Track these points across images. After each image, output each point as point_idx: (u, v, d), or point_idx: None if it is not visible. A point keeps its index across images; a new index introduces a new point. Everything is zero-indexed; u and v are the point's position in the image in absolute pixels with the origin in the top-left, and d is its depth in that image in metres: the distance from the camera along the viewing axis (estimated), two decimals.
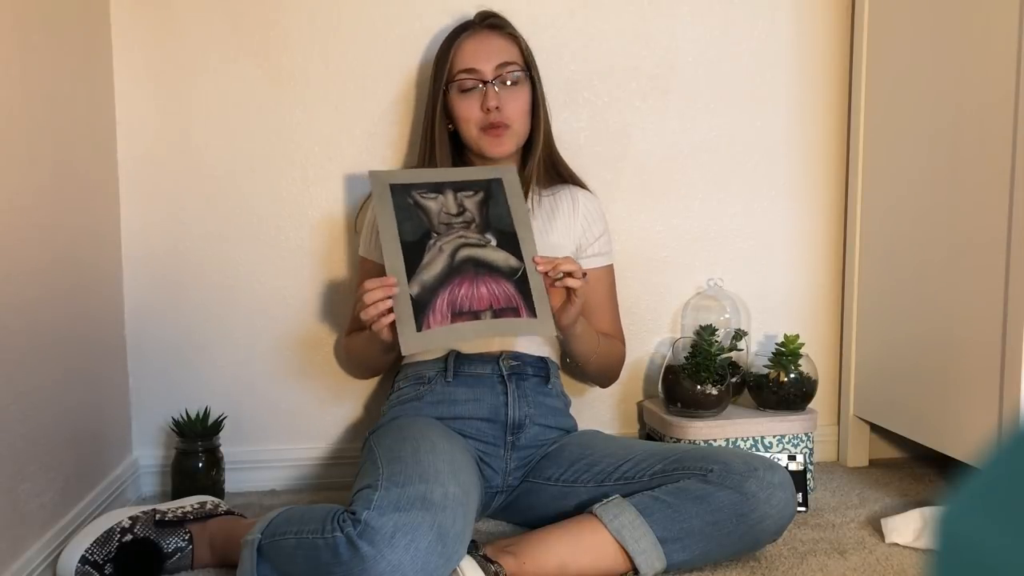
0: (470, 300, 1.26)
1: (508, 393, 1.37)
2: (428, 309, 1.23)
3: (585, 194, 1.53)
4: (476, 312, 1.25)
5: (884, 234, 1.62)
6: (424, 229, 1.28)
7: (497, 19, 1.46)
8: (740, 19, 1.69)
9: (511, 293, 1.27)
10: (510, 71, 1.41)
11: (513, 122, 1.41)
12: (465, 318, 1.25)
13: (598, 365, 1.46)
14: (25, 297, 1.15)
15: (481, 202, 1.32)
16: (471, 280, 1.27)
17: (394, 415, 1.38)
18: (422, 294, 1.24)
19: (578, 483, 1.31)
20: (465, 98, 1.41)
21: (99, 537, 1.19)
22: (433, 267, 1.26)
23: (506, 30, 1.45)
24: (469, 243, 1.29)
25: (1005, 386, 1.28)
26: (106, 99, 1.51)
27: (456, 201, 1.31)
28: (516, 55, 1.44)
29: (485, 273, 1.27)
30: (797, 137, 1.73)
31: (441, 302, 1.24)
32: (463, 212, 1.30)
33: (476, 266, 1.28)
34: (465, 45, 1.42)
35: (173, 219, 1.58)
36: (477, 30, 1.44)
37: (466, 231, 1.29)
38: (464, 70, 1.41)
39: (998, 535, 0.28)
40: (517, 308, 1.27)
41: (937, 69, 1.45)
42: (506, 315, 1.26)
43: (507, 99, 1.40)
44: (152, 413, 1.59)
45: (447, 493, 1.07)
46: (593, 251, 1.50)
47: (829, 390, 1.77)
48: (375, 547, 0.99)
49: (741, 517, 1.17)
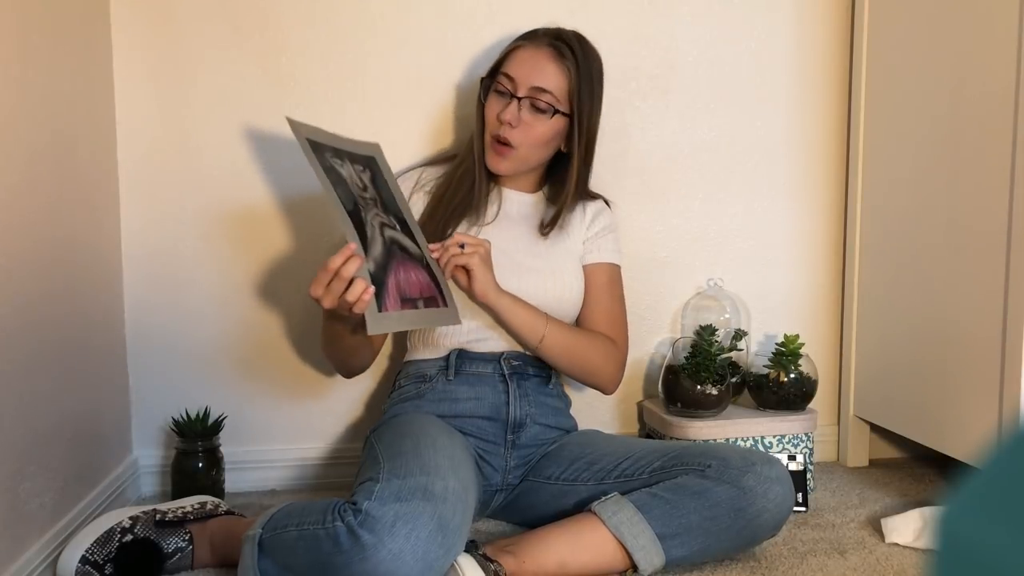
0: (408, 286, 1.19)
1: (509, 392, 1.37)
2: (383, 289, 1.15)
3: (591, 202, 1.51)
4: (414, 300, 1.20)
5: (884, 234, 1.62)
6: (353, 199, 1.15)
7: (563, 46, 1.37)
8: (740, 19, 1.69)
9: (427, 281, 1.23)
10: (542, 98, 1.35)
11: (519, 146, 1.37)
12: (407, 305, 1.18)
13: (559, 356, 1.37)
14: (25, 297, 1.15)
15: (371, 180, 1.21)
16: (402, 264, 1.20)
17: (395, 412, 1.38)
18: (377, 272, 1.15)
19: (578, 481, 1.32)
20: (495, 100, 1.39)
21: (99, 537, 1.19)
22: (375, 245, 1.16)
23: (565, 61, 1.36)
24: (386, 223, 1.20)
25: (1005, 386, 1.28)
26: (106, 99, 1.51)
27: (355, 175, 1.18)
28: (560, 87, 1.36)
29: (408, 258, 1.21)
30: (797, 137, 1.73)
31: (392, 284, 1.17)
32: (365, 188, 1.19)
33: (400, 250, 1.20)
34: (520, 52, 1.38)
35: (173, 219, 1.58)
36: (539, 45, 1.38)
37: (377, 209, 1.19)
38: (505, 74, 1.37)
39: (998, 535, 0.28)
40: (436, 298, 1.23)
41: (937, 69, 1.45)
42: (433, 304, 1.22)
43: (526, 122, 1.36)
44: (152, 413, 1.59)
45: (447, 486, 1.07)
46: (593, 246, 1.48)
47: (829, 390, 1.77)
48: (376, 535, 0.99)
49: (739, 511, 1.17)
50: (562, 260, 1.43)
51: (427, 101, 1.62)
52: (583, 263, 1.47)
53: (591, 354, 1.41)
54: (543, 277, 1.40)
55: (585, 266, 1.47)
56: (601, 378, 1.44)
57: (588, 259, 1.48)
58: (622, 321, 1.49)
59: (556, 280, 1.41)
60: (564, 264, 1.43)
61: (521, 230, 1.44)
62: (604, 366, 1.43)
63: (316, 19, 1.58)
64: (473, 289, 1.26)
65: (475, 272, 1.25)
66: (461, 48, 1.62)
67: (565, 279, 1.42)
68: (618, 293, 1.50)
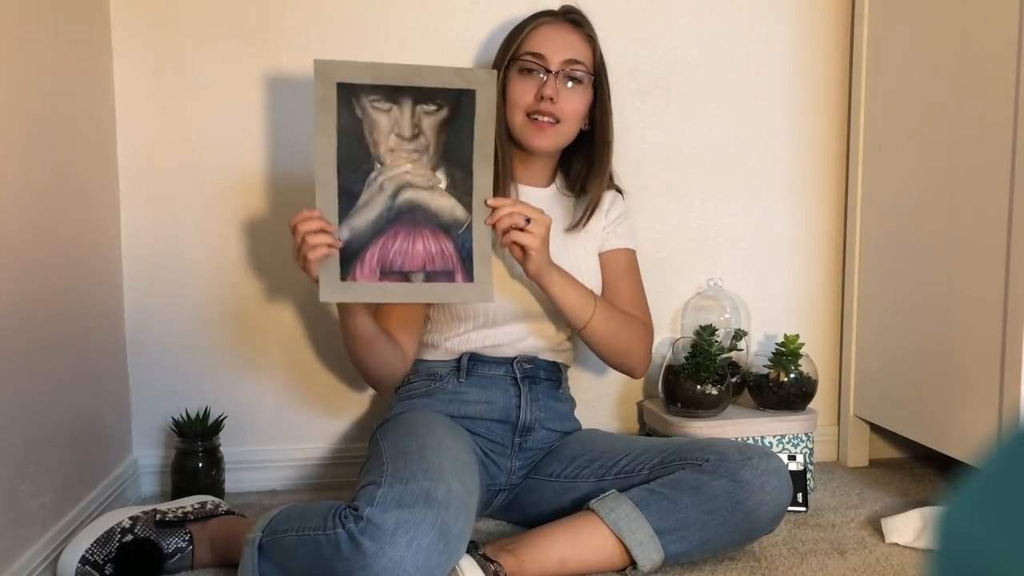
0: (402, 257, 1.13)
1: (521, 396, 1.37)
2: (356, 259, 1.11)
3: (609, 192, 1.49)
4: (407, 273, 1.14)
5: (884, 234, 1.62)
6: (367, 155, 1.10)
7: (579, 16, 1.40)
8: (740, 19, 1.69)
9: (449, 252, 1.15)
10: (577, 69, 1.35)
11: (565, 120, 1.35)
12: (394, 278, 1.13)
13: (603, 337, 1.35)
14: (25, 297, 1.15)
15: (441, 123, 1.13)
16: (408, 232, 1.14)
17: (402, 409, 1.37)
18: (352, 241, 1.11)
19: (579, 479, 1.32)
20: (522, 80, 1.35)
21: (99, 537, 1.19)
22: (369, 209, 1.12)
23: (585, 30, 1.39)
24: (414, 183, 1.14)
25: (1005, 386, 1.28)
26: (106, 99, 1.51)
27: (412, 118, 1.12)
28: (588, 56, 1.38)
29: (425, 225, 1.14)
30: (797, 137, 1.73)
31: (371, 255, 1.12)
32: (417, 136, 1.13)
33: (416, 214, 1.14)
34: (541, 30, 1.36)
35: (173, 219, 1.58)
36: (557, 20, 1.38)
37: (415, 166, 1.13)
38: (531, 53, 1.34)
39: (998, 535, 0.28)
40: (453, 271, 1.15)
41: (937, 69, 1.45)
42: (439, 279, 1.15)
43: (566, 95, 1.34)
44: (152, 413, 1.59)
45: (451, 491, 1.07)
46: (608, 232, 1.47)
47: (829, 390, 1.77)
48: (377, 543, 0.99)
49: (736, 504, 1.18)
50: (582, 258, 1.43)
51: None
52: (600, 251, 1.46)
53: (630, 335, 1.40)
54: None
55: (602, 254, 1.46)
56: (635, 359, 1.43)
57: (605, 247, 1.47)
58: (646, 304, 1.49)
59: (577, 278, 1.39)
60: (585, 262, 1.43)
61: None
62: (639, 348, 1.42)
63: (316, 19, 1.58)
64: (527, 267, 1.22)
65: (532, 252, 1.20)
66: (463, 48, 1.62)
67: (585, 278, 1.40)
68: (637, 276, 1.49)
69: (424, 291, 1.15)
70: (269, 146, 1.59)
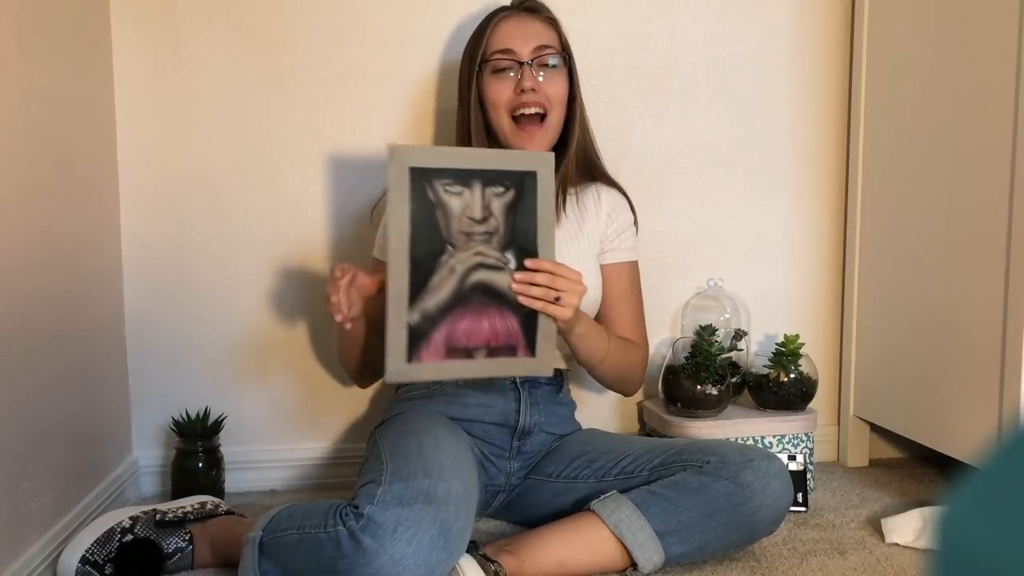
0: (467, 336, 1.15)
1: (521, 400, 1.36)
2: (424, 340, 1.13)
3: (608, 189, 1.46)
4: (470, 350, 1.15)
5: (884, 234, 1.62)
6: (440, 239, 1.13)
7: (534, 3, 1.40)
8: (740, 19, 1.69)
9: (513, 329, 1.17)
10: (548, 53, 1.34)
11: (551, 108, 1.34)
12: (458, 355, 1.15)
13: (610, 371, 1.37)
14: (25, 297, 1.15)
15: (509, 205, 1.16)
16: (476, 312, 1.15)
17: (401, 409, 1.37)
18: (422, 323, 1.12)
19: (578, 479, 1.32)
20: (498, 80, 1.34)
21: (99, 537, 1.19)
22: (440, 291, 1.13)
23: (544, 14, 1.39)
24: (485, 264, 1.16)
25: (1005, 386, 1.28)
26: (106, 99, 1.51)
27: (483, 201, 1.15)
28: (554, 39, 1.37)
29: (492, 304, 1.16)
30: (797, 137, 1.73)
31: (439, 335, 1.14)
32: (487, 219, 1.15)
33: (485, 294, 1.16)
34: (501, 26, 1.35)
35: (173, 219, 1.58)
36: (514, 13, 1.38)
37: (486, 247, 1.15)
38: (499, 50, 1.33)
39: (998, 535, 0.28)
40: (515, 347, 1.17)
41: (937, 69, 1.45)
42: (502, 354, 1.17)
43: (545, 82, 1.33)
44: (152, 413, 1.59)
45: (450, 489, 1.07)
46: (613, 245, 1.44)
47: (829, 390, 1.77)
48: (377, 541, 0.99)
49: (737, 507, 1.17)
50: (578, 263, 1.38)
51: (429, 101, 1.62)
52: (601, 263, 1.43)
53: (631, 366, 1.41)
54: None
55: (604, 266, 1.44)
56: (631, 386, 1.45)
57: (607, 259, 1.44)
58: (643, 322, 1.47)
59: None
60: (580, 267, 1.38)
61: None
62: (638, 373, 1.44)
63: (316, 19, 1.58)
64: (562, 329, 1.22)
65: (569, 319, 1.19)
66: (463, 48, 1.61)
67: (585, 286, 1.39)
68: (638, 292, 1.47)
69: (486, 366, 1.17)
70: (269, 146, 1.59)
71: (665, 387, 1.54)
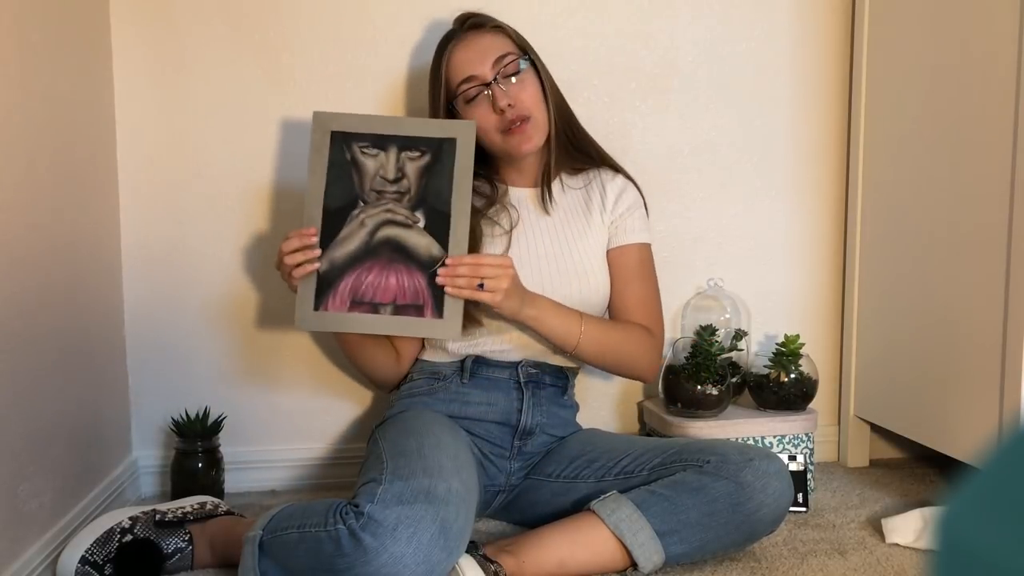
0: (374, 290, 1.21)
1: (523, 400, 1.36)
2: (330, 290, 1.20)
3: (612, 175, 1.46)
4: (376, 305, 1.21)
5: (884, 234, 1.61)
6: (352, 195, 1.22)
7: (477, 17, 1.39)
8: (740, 19, 1.69)
9: (421, 288, 1.21)
10: (508, 63, 1.33)
11: (532, 112, 1.33)
12: (363, 309, 1.21)
13: (592, 354, 1.35)
14: (25, 297, 1.15)
15: (423, 168, 1.23)
16: (383, 266, 1.21)
17: (402, 407, 1.37)
18: (329, 271, 1.20)
19: (578, 479, 1.32)
20: (474, 107, 1.34)
21: (99, 537, 1.19)
22: (348, 243, 1.21)
23: (489, 25, 1.37)
24: (395, 220, 1.22)
25: (1005, 386, 1.28)
26: (106, 99, 1.51)
27: (397, 163, 1.22)
28: (509, 46, 1.36)
29: (400, 260, 1.21)
30: (797, 137, 1.73)
31: (344, 286, 1.21)
32: (400, 179, 1.22)
33: (393, 250, 1.22)
34: (455, 55, 1.35)
35: (172, 219, 1.58)
36: (461, 36, 1.37)
37: (396, 204, 1.22)
38: (463, 81, 1.33)
39: (998, 535, 0.28)
40: (422, 306, 1.21)
41: (937, 69, 1.45)
42: (408, 312, 1.21)
43: (516, 92, 1.33)
44: (152, 413, 1.59)
45: (451, 488, 1.07)
46: (617, 228, 1.43)
47: (829, 390, 1.77)
48: (378, 539, 0.99)
49: (737, 506, 1.17)
50: (587, 260, 1.40)
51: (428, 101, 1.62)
52: (609, 247, 1.43)
53: (627, 348, 1.38)
54: (568, 279, 1.37)
55: (612, 250, 1.42)
56: (638, 370, 1.42)
57: (615, 242, 1.43)
58: (655, 305, 1.44)
59: (582, 282, 1.38)
60: (589, 263, 1.40)
61: (537, 231, 1.40)
62: (641, 358, 1.40)
63: (316, 19, 1.58)
64: (501, 313, 1.25)
65: (494, 308, 1.22)
66: None
67: (590, 281, 1.39)
68: (649, 275, 1.44)
69: (391, 323, 1.22)
70: (268, 146, 1.59)
71: (665, 387, 1.54)
